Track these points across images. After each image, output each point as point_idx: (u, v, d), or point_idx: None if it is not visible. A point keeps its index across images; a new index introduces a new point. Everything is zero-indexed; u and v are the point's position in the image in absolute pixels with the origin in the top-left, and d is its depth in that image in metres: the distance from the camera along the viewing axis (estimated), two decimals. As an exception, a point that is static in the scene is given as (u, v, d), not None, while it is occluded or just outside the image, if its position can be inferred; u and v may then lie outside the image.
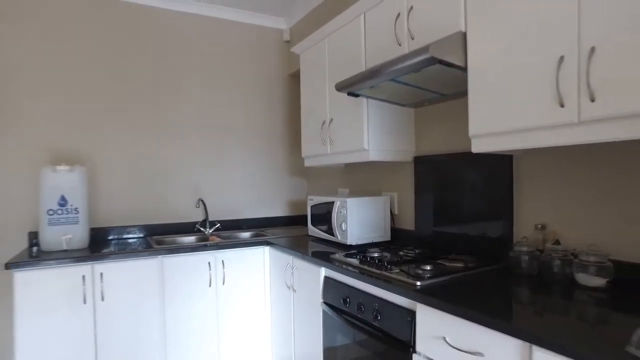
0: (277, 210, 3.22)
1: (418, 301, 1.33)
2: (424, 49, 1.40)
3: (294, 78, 3.35)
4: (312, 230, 2.54)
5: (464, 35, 1.48)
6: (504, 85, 1.33)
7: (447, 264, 1.65)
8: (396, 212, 2.34)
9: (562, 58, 1.15)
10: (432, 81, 1.69)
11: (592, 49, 1.08)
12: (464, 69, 1.48)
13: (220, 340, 2.42)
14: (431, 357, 1.30)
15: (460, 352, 1.19)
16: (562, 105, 1.16)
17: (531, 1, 1.24)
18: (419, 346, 1.35)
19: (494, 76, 1.36)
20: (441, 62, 1.43)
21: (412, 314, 1.38)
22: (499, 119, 1.35)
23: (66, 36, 2.57)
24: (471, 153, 1.83)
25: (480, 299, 1.23)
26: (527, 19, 1.25)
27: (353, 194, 2.66)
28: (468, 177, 1.85)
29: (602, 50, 1.07)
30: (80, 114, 2.60)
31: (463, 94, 1.84)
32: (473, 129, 1.45)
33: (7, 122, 2.43)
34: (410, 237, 2.22)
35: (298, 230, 2.93)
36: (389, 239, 2.30)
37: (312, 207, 2.54)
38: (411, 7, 1.72)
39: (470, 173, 1.84)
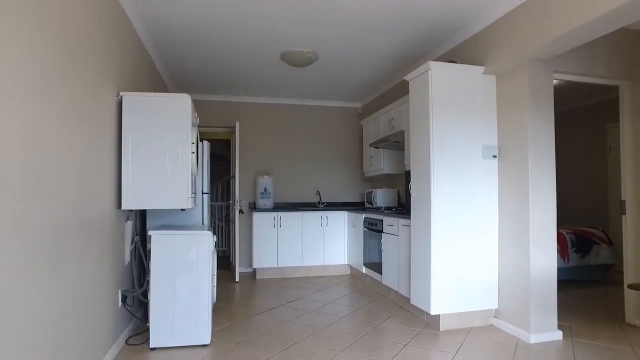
0: (355, 197, 6.38)
1: (383, 216, 4.35)
2: (386, 137, 4.46)
3: (362, 133, 6.49)
4: (367, 204, 5.63)
5: (403, 132, 4.45)
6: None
7: (402, 210, 4.61)
8: (402, 194, 5.31)
9: (417, 143, 4.12)
10: (400, 144, 4.68)
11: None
12: (403, 143, 4.47)
13: (325, 251, 5.61)
14: (386, 231, 4.30)
15: (389, 226, 4.20)
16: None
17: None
18: (384, 230, 4.37)
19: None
20: (394, 141, 4.46)
21: (381, 221, 4.41)
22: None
23: (263, 127, 6.11)
24: (419, 170, 4.74)
25: (394, 214, 4.23)
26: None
27: (386, 187, 5.66)
28: (418, 179, 4.77)
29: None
30: (268, 155, 6.10)
31: (416, 147, 4.78)
32: (406, 161, 4.42)
33: (247, 162, 6.01)
34: (403, 205, 5.17)
35: (362, 207, 6.02)
36: (397, 205, 5.27)
37: (366, 194, 5.64)
38: (393, 117, 4.75)
39: (419, 178, 4.76)
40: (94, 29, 2.41)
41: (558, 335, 3.14)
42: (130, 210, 3.27)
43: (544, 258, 3.15)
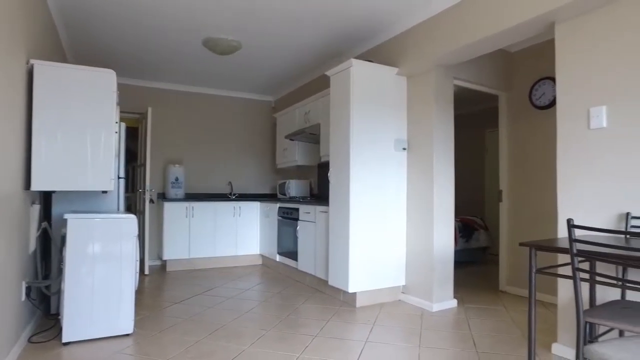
0: (266, 189, 6.49)
1: (299, 204, 4.56)
2: (302, 130, 4.68)
3: (274, 126, 6.64)
4: (279, 195, 5.79)
5: (319, 124, 4.72)
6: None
7: (310, 199, 4.88)
8: (314, 186, 5.58)
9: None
10: (316, 137, 4.93)
11: (338, 135, 4.34)
12: (318, 135, 4.73)
13: (237, 241, 5.63)
14: (302, 219, 4.51)
15: (306, 214, 4.41)
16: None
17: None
18: (300, 217, 4.57)
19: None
20: (311, 134, 4.69)
21: (297, 210, 4.61)
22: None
23: (175, 114, 5.88)
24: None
25: (312, 202, 4.47)
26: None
27: (298, 179, 5.89)
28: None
29: (340, 136, 4.31)
30: (180, 144, 5.89)
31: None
32: (321, 152, 4.68)
33: (157, 151, 5.71)
34: (315, 195, 5.45)
35: (274, 198, 6.16)
36: (309, 196, 5.53)
37: (278, 185, 5.80)
38: (309, 110, 4.99)
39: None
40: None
41: (454, 303, 3.68)
42: (45, 193, 2.97)
43: (444, 236, 3.66)
